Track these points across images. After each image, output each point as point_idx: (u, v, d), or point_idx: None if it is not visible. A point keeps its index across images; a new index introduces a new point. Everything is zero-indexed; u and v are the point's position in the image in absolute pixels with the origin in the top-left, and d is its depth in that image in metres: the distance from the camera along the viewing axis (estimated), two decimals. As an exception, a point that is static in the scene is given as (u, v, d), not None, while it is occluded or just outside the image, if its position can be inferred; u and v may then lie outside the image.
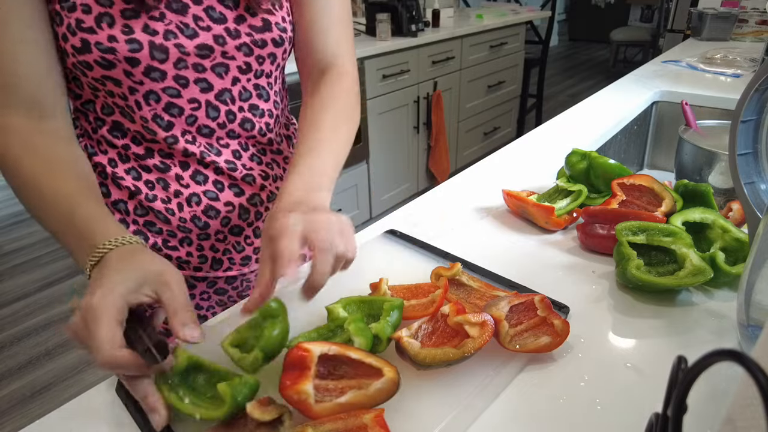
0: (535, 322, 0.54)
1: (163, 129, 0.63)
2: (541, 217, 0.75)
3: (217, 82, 0.63)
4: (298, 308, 0.60)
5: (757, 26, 2.17)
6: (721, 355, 0.21)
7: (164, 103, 0.62)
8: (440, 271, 0.61)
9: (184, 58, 0.60)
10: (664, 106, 1.43)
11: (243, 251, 0.74)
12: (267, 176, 0.72)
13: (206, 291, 0.76)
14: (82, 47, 0.56)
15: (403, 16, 2.59)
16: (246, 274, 0.77)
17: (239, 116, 0.67)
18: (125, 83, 0.59)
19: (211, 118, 0.65)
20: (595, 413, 0.47)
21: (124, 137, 0.65)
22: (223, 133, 0.67)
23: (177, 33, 0.59)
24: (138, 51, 0.57)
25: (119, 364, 0.43)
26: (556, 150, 1.06)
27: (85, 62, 0.57)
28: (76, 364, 1.99)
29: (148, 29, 0.57)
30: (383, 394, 0.44)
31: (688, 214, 0.68)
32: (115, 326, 0.43)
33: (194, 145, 0.65)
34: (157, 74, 0.59)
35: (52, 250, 2.72)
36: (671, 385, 0.28)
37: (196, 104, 0.63)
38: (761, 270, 0.48)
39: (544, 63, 3.99)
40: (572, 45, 7.80)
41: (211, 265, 0.73)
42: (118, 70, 0.57)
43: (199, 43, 0.60)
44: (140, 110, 0.61)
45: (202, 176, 0.67)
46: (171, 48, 0.59)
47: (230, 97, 0.65)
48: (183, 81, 0.61)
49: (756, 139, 0.61)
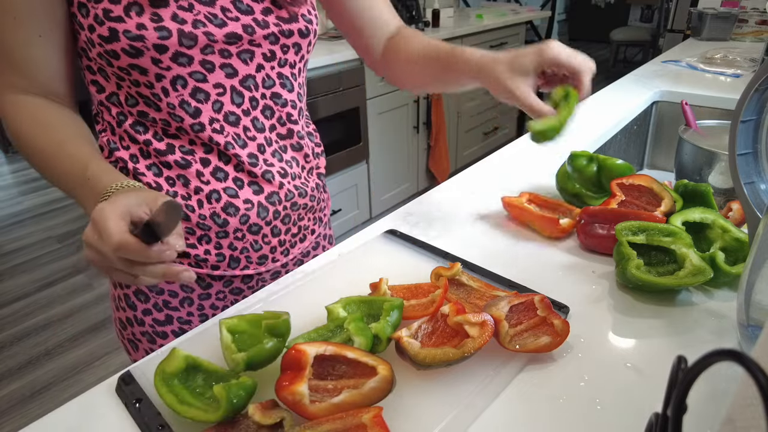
0: (535, 322, 0.54)
1: (191, 115, 0.64)
2: (545, 228, 0.75)
3: (242, 68, 0.65)
4: (299, 308, 0.60)
5: (757, 26, 2.17)
6: (721, 355, 0.21)
7: (191, 88, 0.63)
8: (440, 271, 0.61)
9: (211, 44, 0.62)
10: (664, 106, 1.43)
11: (260, 250, 0.74)
12: (286, 174, 0.73)
13: (222, 290, 0.76)
14: (110, 36, 0.57)
15: (403, 16, 2.59)
16: (262, 273, 0.78)
17: (261, 103, 0.69)
18: (152, 71, 0.60)
19: (236, 104, 0.66)
20: (595, 413, 0.47)
21: (146, 132, 0.66)
22: (248, 121, 0.68)
23: (206, 22, 0.61)
24: (167, 38, 0.58)
25: (127, 246, 0.48)
26: (556, 150, 1.06)
27: (112, 51, 0.58)
28: (76, 364, 1.99)
29: (177, 18, 0.59)
30: (378, 392, 0.44)
31: (688, 214, 0.68)
32: (121, 220, 0.49)
33: (221, 134, 0.66)
34: (185, 59, 0.61)
35: (52, 250, 2.72)
36: (671, 385, 0.28)
37: (221, 89, 0.65)
38: (761, 270, 0.48)
39: (544, 63, 3.99)
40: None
41: (228, 264, 0.73)
42: (145, 57, 0.59)
43: (228, 32, 0.62)
44: (167, 97, 0.63)
45: (222, 173, 0.68)
46: (200, 35, 0.60)
47: (254, 83, 0.67)
48: (209, 66, 0.63)
49: (756, 139, 0.61)
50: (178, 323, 0.75)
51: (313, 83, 2.15)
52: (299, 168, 0.76)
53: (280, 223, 0.74)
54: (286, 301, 0.63)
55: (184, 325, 0.76)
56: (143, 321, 0.75)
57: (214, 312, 0.77)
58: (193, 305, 0.75)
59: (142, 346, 0.77)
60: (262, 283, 0.79)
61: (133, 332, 0.77)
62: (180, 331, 0.76)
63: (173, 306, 0.74)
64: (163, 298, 0.74)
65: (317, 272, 0.68)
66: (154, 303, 0.74)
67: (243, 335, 0.51)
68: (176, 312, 0.75)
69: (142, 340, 0.77)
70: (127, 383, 0.50)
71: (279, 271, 0.79)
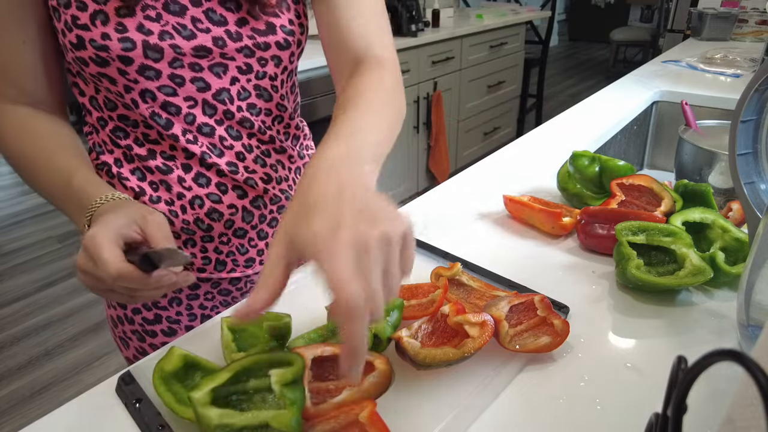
0: (535, 322, 0.54)
1: (163, 127, 0.63)
2: (547, 223, 0.75)
3: (215, 81, 0.63)
4: (298, 308, 0.60)
5: (757, 26, 2.17)
6: (721, 355, 0.21)
7: (160, 101, 0.61)
8: (440, 271, 0.61)
9: (179, 58, 0.59)
10: (664, 106, 1.43)
11: (247, 253, 0.74)
12: (270, 179, 0.72)
13: (210, 291, 0.76)
14: (77, 44, 0.56)
15: (403, 16, 2.59)
16: (250, 275, 0.77)
17: (238, 115, 0.66)
18: (120, 81, 0.59)
19: (208, 115, 0.64)
20: (595, 413, 0.47)
21: (126, 137, 0.65)
22: (223, 131, 0.66)
23: (173, 33, 0.58)
24: (131, 50, 0.57)
25: (127, 276, 0.47)
26: (556, 150, 1.06)
27: (81, 58, 0.57)
28: (76, 364, 1.99)
29: (143, 29, 0.57)
30: (377, 387, 0.44)
31: (688, 214, 0.68)
32: (116, 247, 0.48)
33: (196, 144, 0.65)
34: (152, 73, 0.59)
35: (52, 250, 2.72)
36: (671, 385, 0.28)
37: (192, 102, 0.63)
38: (761, 270, 0.48)
39: (544, 63, 3.99)
40: (572, 45, 7.80)
41: (214, 267, 0.72)
42: (112, 68, 0.58)
43: (197, 45, 0.59)
44: (137, 108, 0.61)
45: (204, 178, 0.67)
46: (166, 48, 0.58)
47: (228, 96, 0.64)
48: (179, 80, 0.61)
49: (756, 139, 0.61)
50: (167, 322, 0.75)
51: (313, 83, 2.15)
52: (285, 170, 0.74)
53: (266, 226, 0.74)
54: (286, 301, 0.63)
55: (173, 324, 0.76)
56: (133, 319, 0.75)
57: (202, 312, 0.77)
58: (181, 305, 0.75)
59: (133, 344, 0.77)
60: (250, 285, 0.79)
61: (124, 330, 0.77)
62: (169, 330, 0.76)
63: (162, 305, 0.74)
64: None
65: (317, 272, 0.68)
66: (143, 302, 0.74)
67: (244, 334, 0.51)
68: (165, 311, 0.75)
69: (132, 338, 0.77)
70: (127, 383, 0.50)
71: None
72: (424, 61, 2.74)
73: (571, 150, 0.85)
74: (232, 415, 0.40)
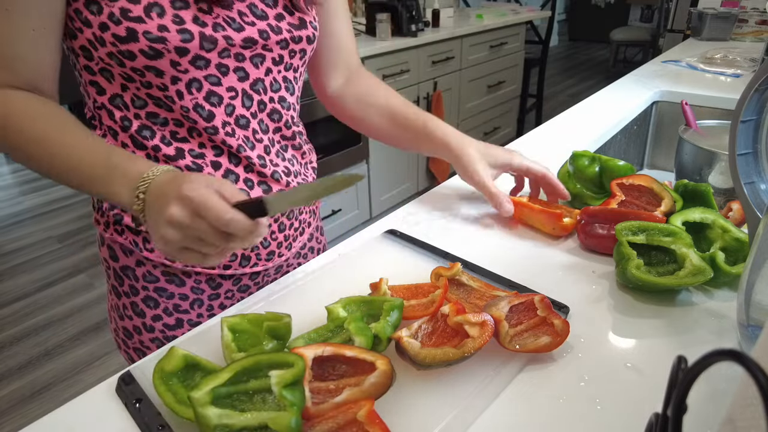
0: (535, 322, 0.54)
1: (204, 119, 0.64)
2: (548, 224, 0.75)
3: (253, 71, 0.66)
4: (298, 308, 0.60)
5: (757, 26, 2.17)
6: (721, 355, 0.21)
7: (205, 91, 0.63)
8: (440, 271, 0.61)
9: (228, 48, 0.62)
10: (664, 106, 1.43)
11: (269, 247, 0.75)
12: (290, 172, 0.74)
13: (231, 289, 0.76)
14: (127, 36, 0.56)
15: (403, 16, 2.59)
16: (269, 269, 0.78)
17: (269, 106, 0.69)
18: (168, 73, 0.60)
19: (246, 107, 0.67)
20: (595, 413, 0.47)
21: (153, 137, 0.64)
22: (255, 124, 0.69)
23: (224, 26, 0.61)
24: (189, 41, 0.58)
25: (239, 221, 0.48)
26: (556, 150, 1.06)
27: (128, 51, 0.57)
28: (76, 364, 1.99)
29: (198, 20, 0.59)
30: (378, 387, 0.44)
31: (688, 214, 0.68)
32: (222, 199, 0.49)
33: (233, 137, 0.66)
34: (202, 62, 0.61)
35: (52, 250, 2.72)
36: (671, 385, 0.28)
37: (233, 93, 0.65)
38: (761, 270, 0.48)
39: (544, 63, 3.99)
40: (572, 45, 7.80)
41: (239, 263, 0.73)
42: (165, 59, 0.58)
43: (246, 36, 0.63)
44: (181, 100, 0.62)
45: (233, 175, 0.68)
46: (219, 39, 0.60)
47: (263, 87, 0.68)
48: (224, 69, 0.63)
49: (756, 139, 0.61)
50: (188, 326, 0.75)
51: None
52: (299, 165, 0.78)
53: (285, 218, 0.76)
54: (286, 301, 0.63)
55: (194, 328, 0.75)
56: (153, 327, 0.74)
57: (222, 311, 0.76)
58: (203, 306, 0.75)
59: (151, 353, 0.76)
60: (267, 278, 0.80)
61: (141, 340, 0.76)
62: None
63: (183, 309, 0.74)
64: (174, 302, 0.73)
65: (317, 272, 0.68)
66: (164, 308, 0.73)
67: (244, 334, 0.51)
68: (186, 315, 0.74)
69: (151, 347, 0.76)
70: (127, 383, 0.50)
71: (281, 265, 0.80)
72: (424, 61, 2.74)
73: (571, 150, 0.85)
74: (232, 415, 0.40)
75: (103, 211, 0.71)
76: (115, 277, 0.74)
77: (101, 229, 0.72)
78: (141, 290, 0.73)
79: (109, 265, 0.74)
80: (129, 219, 0.69)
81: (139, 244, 0.70)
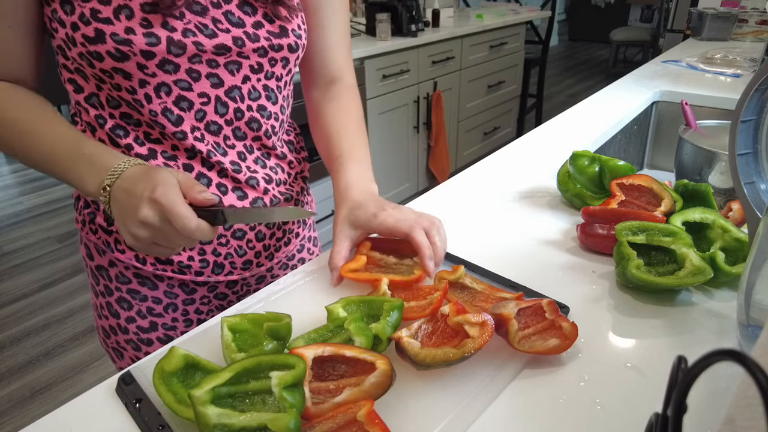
0: (543, 326, 0.53)
1: (173, 124, 0.63)
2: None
3: (228, 78, 0.64)
4: (298, 308, 0.60)
5: (757, 26, 2.17)
6: (721, 355, 0.21)
7: (175, 96, 0.62)
8: (444, 275, 0.61)
9: (199, 54, 0.61)
10: (664, 106, 1.43)
11: (245, 255, 0.73)
12: (270, 180, 0.72)
13: (206, 295, 0.75)
14: (95, 37, 0.56)
15: (403, 16, 2.59)
16: (247, 278, 0.77)
17: (247, 115, 0.68)
18: (136, 76, 0.59)
19: (219, 114, 0.65)
20: (595, 413, 0.47)
21: (126, 136, 0.64)
22: (229, 131, 0.67)
23: (196, 32, 0.60)
24: (155, 45, 0.57)
25: (204, 231, 0.53)
26: (556, 150, 1.06)
27: (96, 53, 0.57)
28: (76, 364, 1.99)
29: (168, 25, 0.58)
30: (378, 387, 0.44)
31: (688, 214, 0.68)
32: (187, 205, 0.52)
33: (202, 142, 0.65)
34: (171, 66, 0.60)
35: (52, 250, 2.72)
36: (671, 385, 0.28)
37: (205, 99, 0.64)
38: (761, 270, 0.48)
39: (544, 63, 3.99)
40: (572, 45, 7.80)
41: (212, 270, 0.72)
42: (131, 62, 0.58)
43: (218, 43, 0.61)
44: (149, 104, 0.61)
45: (205, 179, 0.67)
46: (189, 44, 0.59)
47: (239, 94, 0.66)
48: (195, 74, 0.62)
49: (756, 139, 0.61)
50: (162, 329, 0.74)
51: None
52: (284, 174, 0.76)
53: (264, 227, 0.74)
54: (286, 301, 0.63)
55: (169, 331, 0.75)
56: (127, 329, 0.74)
57: (198, 317, 0.76)
58: (177, 311, 0.74)
59: (128, 354, 0.76)
60: (247, 288, 0.79)
61: (117, 341, 0.76)
62: (165, 338, 0.75)
63: (157, 312, 0.74)
64: (147, 305, 0.73)
65: (317, 272, 0.68)
66: (137, 310, 0.73)
67: (244, 335, 0.51)
68: (161, 318, 0.74)
69: (126, 348, 0.76)
70: (127, 383, 0.50)
71: (264, 275, 0.79)
72: (424, 61, 2.74)
73: (571, 150, 0.85)
74: (231, 415, 0.40)
75: (79, 208, 0.71)
76: (92, 275, 0.75)
77: (79, 227, 0.73)
78: (115, 291, 0.73)
79: (87, 264, 0.75)
80: (101, 219, 0.69)
81: (111, 245, 0.70)
